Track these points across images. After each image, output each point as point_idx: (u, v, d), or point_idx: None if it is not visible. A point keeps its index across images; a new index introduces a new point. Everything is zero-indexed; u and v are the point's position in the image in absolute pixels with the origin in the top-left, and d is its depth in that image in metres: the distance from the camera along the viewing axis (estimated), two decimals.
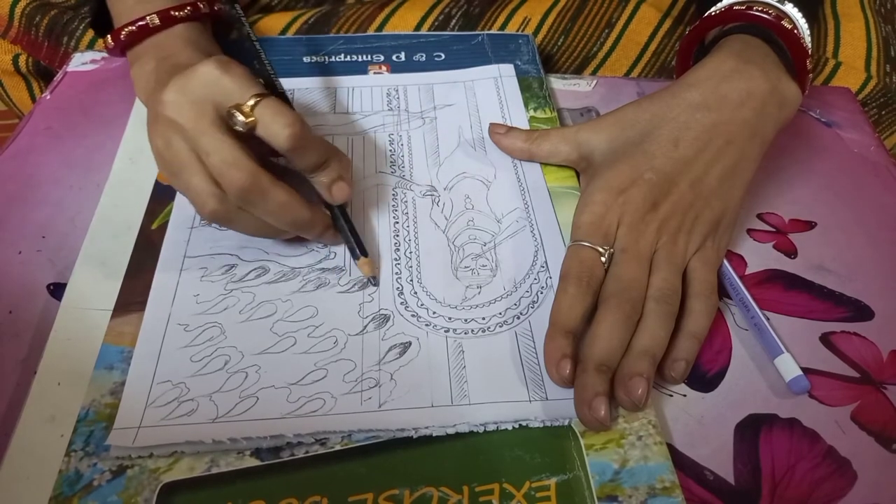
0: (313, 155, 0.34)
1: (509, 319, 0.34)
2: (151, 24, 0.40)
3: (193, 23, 0.41)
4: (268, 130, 0.32)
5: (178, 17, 0.40)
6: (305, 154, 0.33)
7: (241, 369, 0.31)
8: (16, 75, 0.55)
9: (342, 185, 0.35)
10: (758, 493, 0.29)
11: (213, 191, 0.32)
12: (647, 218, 0.35)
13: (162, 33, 0.40)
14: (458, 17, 0.53)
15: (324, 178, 0.35)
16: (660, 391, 0.32)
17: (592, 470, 0.29)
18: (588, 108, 0.48)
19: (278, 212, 0.33)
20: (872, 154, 0.45)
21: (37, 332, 0.33)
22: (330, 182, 0.35)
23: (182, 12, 0.40)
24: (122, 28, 0.40)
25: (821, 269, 0.38)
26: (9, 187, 0.40)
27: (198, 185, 0.32)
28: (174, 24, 0.40)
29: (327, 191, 0.35)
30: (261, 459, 0.29)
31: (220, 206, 0.32)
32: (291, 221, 0.34)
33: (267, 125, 0.32)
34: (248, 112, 0.32)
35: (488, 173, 0.42)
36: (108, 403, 0.30)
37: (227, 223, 0.34)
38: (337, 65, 0.49)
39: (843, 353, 0.34)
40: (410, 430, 0.30)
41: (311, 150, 0.34)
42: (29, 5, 0.51)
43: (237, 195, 0.32)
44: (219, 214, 0.33)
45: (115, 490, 0.27)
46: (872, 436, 0.31)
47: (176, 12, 0.40)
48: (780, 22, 0.38)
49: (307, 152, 0.34)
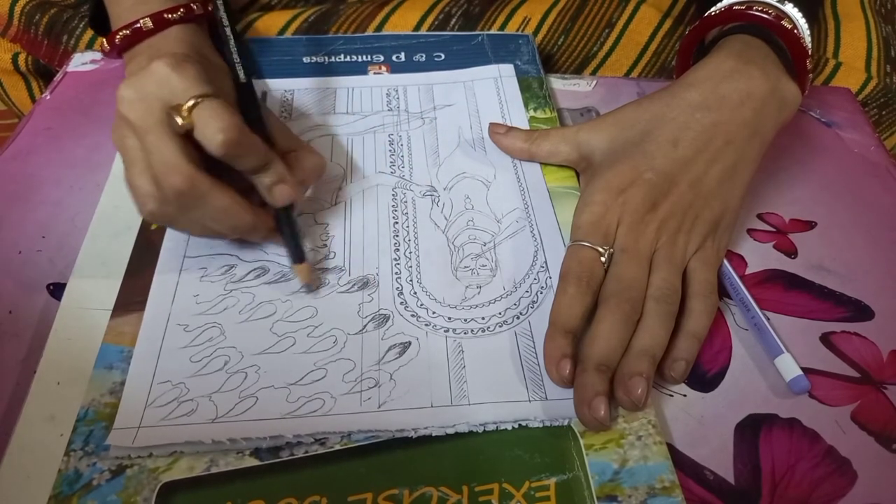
0: (250, 159, 0.33)
1: (509, 319, 0.34)
2: (145, 28, 0.40)
3: (188, 24, 0.41)
4: (202, 134, 0.31)
5: (171, 20, 0.40)
6: (240, 159, 0.33)
7: (240, 369, 0.31)
8: (15, 74, 0.55)
9: (282, 187, 0.34)
10: (758, 493, 0.29)
11: (153, 192, 0.32)
12: (647, 218, 0.35)
13: (157, 35, 0.40)
14: (457, 16, 0.53)
15: (265, 180, 0.34)
16: (660, 391, 0.32)
17: (592, 470, 0.29)
18: (588, 108, 0.48)
19: (218, 216, 0.33)
20: (872, 154, 0.45)
21: (37, 332, 0.33)
22: (270, 184, 0.34)
23: (175, 14, 0.40)
24: (116, 32, 0.40)
25: (821, 269, 0.38)
26: (9, 187, 0.40)
27: (139, 185, 0.32)
28: (168, 26, 0.40)
29: (268, 192, 0.34)
30: (260, 459, 0.29)
31: (158, 208, 0.32)
32: (232, 226, 0.34)
33: (201, 129, 0.31)
34: (186, 114, 0.31)
35: (488, 173, 0.42)
36: (107, 403, 0.30)
37: (167, 224, 0.34)
38: (337, 65, 0.49)
39: (843, 353, 0.34)
40: (410, 430, 0.30)
41: (246, 154, 0.33)
42: (28, 4, 0.51)
43: (174, 198, 0.31)
44: (157, 216, 0.33)
45: (115, 489, 0.27)
46: (872, 436, 0.31)
47: (169, 15, 0.40)
48: (779, 22, 0.38)
49: (242, 157, 0.33)
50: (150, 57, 0.39)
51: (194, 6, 0.41)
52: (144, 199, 0.32)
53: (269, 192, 0.34)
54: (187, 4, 0.41)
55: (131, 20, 0.40)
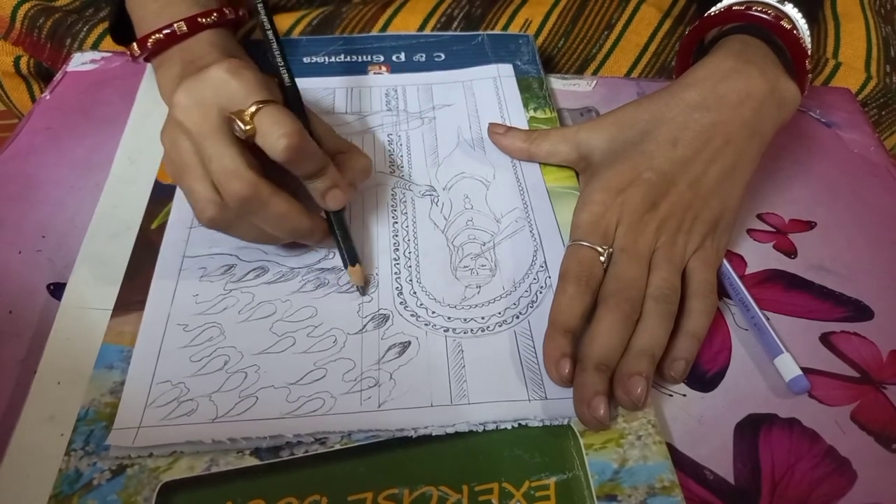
0: (309, 164, 0.33)
1: (508, 319, 0.34)
2: (179, 32, 0.39)
3: (219, 29, 0.41)
4: (265, 140, 0.31)
5: (204, 24, 0.40)
6: (301, 164, 0.33)
7: (240, 369, 0.31)
8: (16, 77, 0.55)
9: (336, 192, 0.35)
10: (757, 493, 0.29)
11: (212, 198, 0.32)
12: (646, 218, 0.35)
13: (189, 40, 0.40)
14: (459, 18, 0.53)
15: (319, 185, 0.34)
16: (659, 391, 0.32)
17: (592, 469, 0.29)
18: (588, 108, 0.48)
19: (277, 221, 0.33)
20: (872, 154, 0.45)
21: (37, 332, 0.33)
22: (325, 189, 0.34)
23: (209, 19, 0.40)
24: (148, 36, 0.40)
25: (820, 269, 0.38)
26: (9, 187, 0.40)
27: (198, 191, 0.32)
28: (201, 30, 0.40)
29: (321, 198, 0.35)
30: (260, 459, 0.29)
31: (218, 214, 0.32)
32: (290, 230, 0.34)
33: (264, 135, 0.31)
34: (248, 120, 0.31)
35: (487, 173, 0.42)
36: (107, 403, 0.30)
37: (225, 230, 0.34)
38: (337, 65, 0.49)
39: (843, 353, 0.34)
40: (410, 429, 0.30)
41: (306, 160, 0.33)
42: (32, 8, 0.51)
43: (236, 205, 0.32)
44: (217, 222, 0.33)
45: (115, 489, 0.27)
46: (872, 435, 0.31)
47: (203, 19, 0.40)
48: (779, 22, 0.38)
49: (303, 163, 0.33)
50: (182, 63, 0.39)
51: (227, 11, 0.41)
52: (204, 205, 0.32)
53: (323, 197, 0.34)
54: (219, 9, 0.41)
55: (161, 25, 0.40)
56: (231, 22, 0.42)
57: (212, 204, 0.32)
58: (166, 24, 0.39)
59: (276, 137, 0.31)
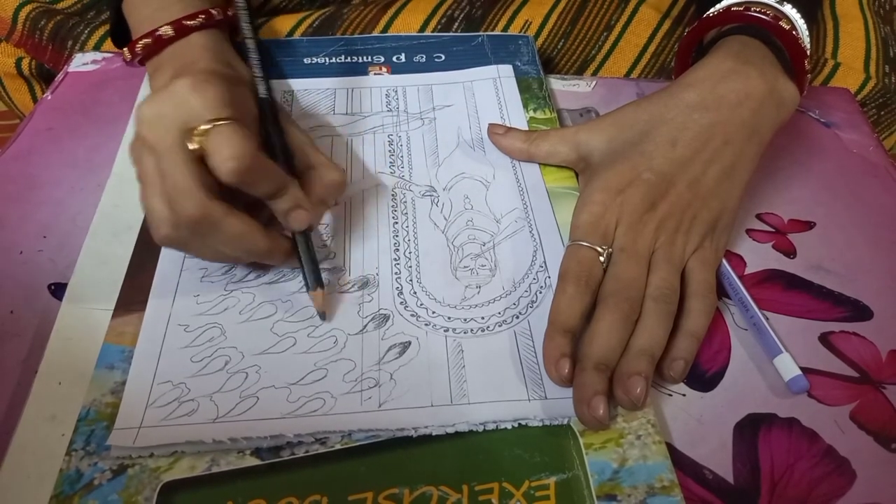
0: (264, 186, 0.32)
1: (508, 319, 0.34)
2: (165, 36, 0.39)
3: (210, 30, 0.40)
4: (212, 161, 0.30)
5: (191, 27, 0.39)
6: (254, 186, 0.32)
7: (241, 369, 0.32)
8: (18, 78, 0.56)
9: (299, 213, 0.33)
10: (757, 493, 0.29)
11: (167, 216, 0.31)
12: (646, 218, 0.35)
13: (179, 42, 0.39)
14: (460, 19, 0.53)
15: (280, 206, 0.33)
16: (659, 390, 0.32)
17: (591, 469, 0.29)
18: (588, 108, 0.48)
19: (232, 242, 0.32)
20: (871, 154, 0.46)
21: (38, 332, 0.33)
22: (286, 210, 0.33)
23: (195, 21, 0.39)
24: (137, 41, 0.40)
25: (820, 269, 0.38)
26: (10, 187, 0.41)
27: (154, 208, 0.31)
28: (188, 33, 0.39)
29: (284, 218, 0.34)
30: (261, 459, 0.29)
31: (172, 232, 0.31)
32: (247, 251, 0.33)
33: (211, 155, 0.30)
34: (198, 139, 0.30)
35: (487, 174, 0.42)
36: (108, 403, 0.30)
37: (183, 249, 0.33)
38: (337, 66, 0.49)
39: (842, 353, 0.34)
40: (410, 429, 0.30)
41: (260, 181, 0.32)
42: (34, 10, 0.51)
43: (186, 225, 0.31)
44: (171, 240, 0.32)
45: (116, 489, 0.28)
46: (871, 435, 0.31)
47: (189, 21, 0.39)
48: (777, 22, 0.38)
49: (256, 184, 0.32)
50: (174, 68, 0.38)
51: (214, 12, 0.41)
52: (158, 223, 0.31)
53: (285, 218, 0.34)
54: (207, 10, 0.40)
55: (152, 28, 0.39)
56: (222, 23, 0.41)
57: (164, 222, 0.31)
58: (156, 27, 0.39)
59: (222, 159, 0.30)
